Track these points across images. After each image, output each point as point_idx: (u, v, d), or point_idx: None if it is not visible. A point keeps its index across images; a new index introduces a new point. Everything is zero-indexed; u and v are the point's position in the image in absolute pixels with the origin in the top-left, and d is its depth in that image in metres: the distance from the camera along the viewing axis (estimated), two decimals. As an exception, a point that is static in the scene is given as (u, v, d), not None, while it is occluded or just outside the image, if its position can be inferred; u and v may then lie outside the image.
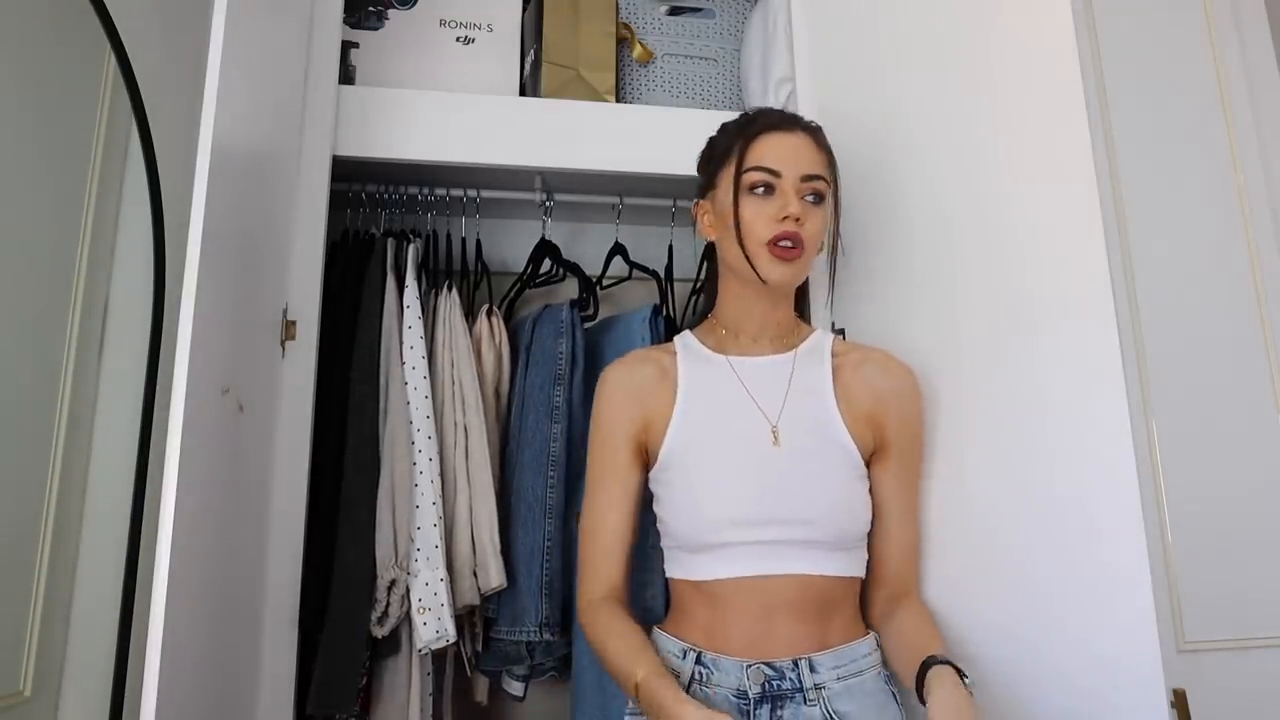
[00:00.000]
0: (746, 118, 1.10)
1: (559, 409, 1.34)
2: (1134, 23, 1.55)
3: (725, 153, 1.07)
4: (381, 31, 1.48)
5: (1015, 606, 1.04)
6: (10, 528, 0.99)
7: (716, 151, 1.10)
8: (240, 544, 1.03)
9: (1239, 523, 1.37)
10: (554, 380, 1.36)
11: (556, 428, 1.34)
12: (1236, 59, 1.55)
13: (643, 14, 1.65)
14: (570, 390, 1.36)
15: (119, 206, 1.16)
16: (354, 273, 1.32)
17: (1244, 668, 1.31)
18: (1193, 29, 1.56)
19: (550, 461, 1.32)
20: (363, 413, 1.24)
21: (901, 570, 1.07)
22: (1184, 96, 1.53)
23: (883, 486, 1.07)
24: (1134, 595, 0.95)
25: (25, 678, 0.98)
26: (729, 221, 1.04)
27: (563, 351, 1.37)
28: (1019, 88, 1.13)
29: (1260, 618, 1.34)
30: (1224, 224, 1.49)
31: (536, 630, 1.26)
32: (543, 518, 1.30)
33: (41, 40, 1.09)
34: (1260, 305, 1.46)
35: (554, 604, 1.28)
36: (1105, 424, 0.99)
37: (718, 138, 1.12)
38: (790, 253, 1.02)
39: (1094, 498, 0.99)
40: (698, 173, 1.14)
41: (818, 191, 1.05)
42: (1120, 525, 0.97)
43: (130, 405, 1.12)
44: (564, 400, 1.35)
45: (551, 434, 1.33)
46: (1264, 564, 1.36)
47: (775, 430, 1.03)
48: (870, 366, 1.10)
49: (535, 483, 1.32)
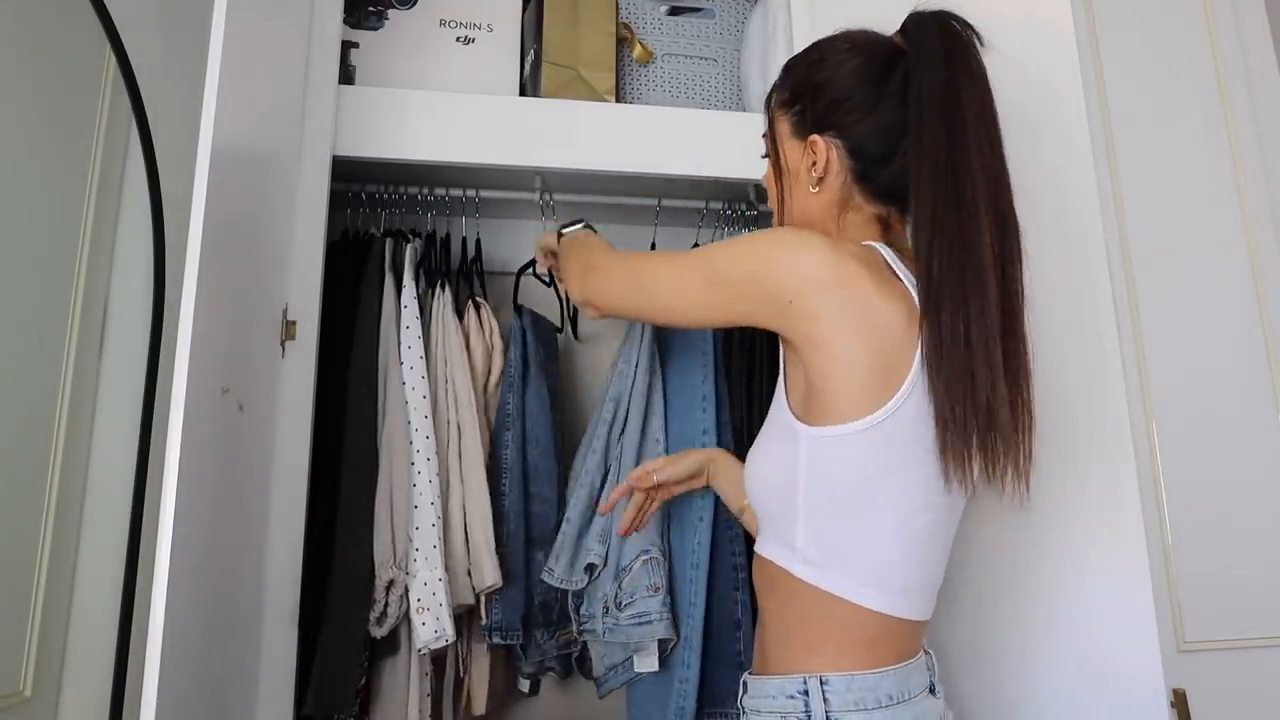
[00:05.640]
0: None
1: (511, 416, 1.35)
2: (1134, 23, 1.55)
3: None
4: (381, 31, 1.48)
5: (1015, 607, 1.04)
6: (10, 528, 0.99)
7: None
8: (240, 544, 1.02)
9: (1239, 524, 1.37)
10: (507, 387, 1.36)
11: (507, 435, 1.34)
12: (1236, 59, 1.55)
13: (643, 14, 1.65)
14: (523, 398, 1.36)
15: (119, 206, 1.16)
16: (352, 272, 1.32)
17: (1244, 668, 1.31)
18: (1193, 29, 1.56)
19: (504, 469, 1.33)
20: (360, 412, 1.24)
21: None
22: (1184, 97, 1.53)
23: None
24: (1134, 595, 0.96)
25: (25, 678, 0.98)
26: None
27: (513, 358, 1.37)
28: (1019, 88, 1.13)
29: (1260, 618, 1.35)
30: (1224, 224, 1.49)
31: (487, 633, 1.27)
32: (497, 522, 1.30)
33: (42, 40, 1.09)
34: (1260, 305, 1.47)
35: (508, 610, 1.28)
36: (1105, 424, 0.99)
37: None
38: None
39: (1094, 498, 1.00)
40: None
41: (766, 151, 1.00)
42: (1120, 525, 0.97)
43: (130, 405, 1.12)
44: (515, 408, 1.35)
45: (503, 441, 1.34)
46: (1264, 564, 1.36)
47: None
48: None
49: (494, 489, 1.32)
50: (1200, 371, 1.42)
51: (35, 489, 1.02)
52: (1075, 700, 0.98)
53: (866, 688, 0.80)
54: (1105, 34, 1.54)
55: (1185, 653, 1.31)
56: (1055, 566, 0.93)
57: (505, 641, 1.29)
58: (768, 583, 0.88)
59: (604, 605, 1.27)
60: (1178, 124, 1.52)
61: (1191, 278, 1.46)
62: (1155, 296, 1.44)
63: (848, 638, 0.81)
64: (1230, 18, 1.57)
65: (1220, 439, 1.40)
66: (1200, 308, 1.45)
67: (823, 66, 0.93)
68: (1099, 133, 1.48)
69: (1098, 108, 1.49)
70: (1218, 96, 1.53)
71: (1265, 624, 1.34)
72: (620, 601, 1.25)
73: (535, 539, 1.34)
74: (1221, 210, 1.50)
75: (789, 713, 0.80)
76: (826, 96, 0.91)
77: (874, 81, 0.89)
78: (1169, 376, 1.41)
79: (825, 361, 0.81)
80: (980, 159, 0.83)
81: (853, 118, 0.89)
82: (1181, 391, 1.41)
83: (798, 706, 0.80)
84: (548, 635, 1.35)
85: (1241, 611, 1.34)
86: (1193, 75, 1.54)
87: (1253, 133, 1.52)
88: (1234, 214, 1.50)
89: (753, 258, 0.87)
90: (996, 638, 1.04)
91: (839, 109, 0.90)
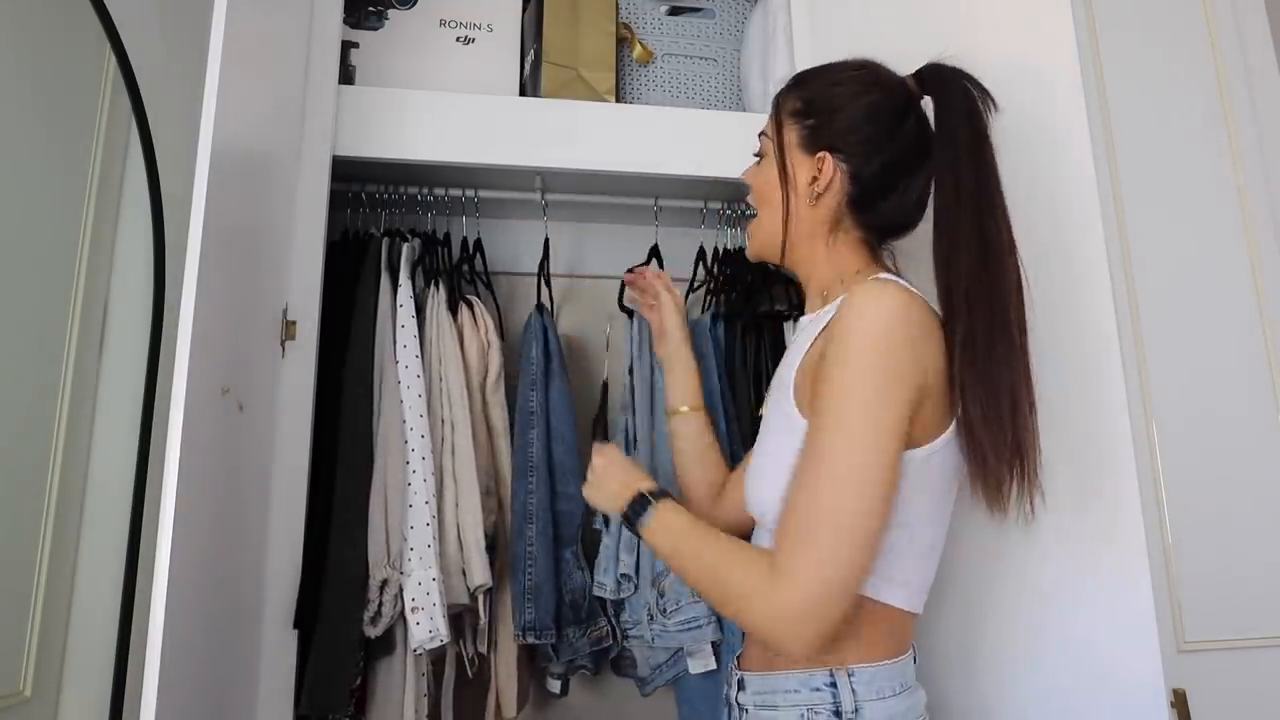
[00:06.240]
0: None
1: (534, 414, 1.35)
2: (1134, 23, 1.55)
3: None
4: (381, 31, 1.48)
5: (1015, 606, 1.04)
6: (10, 528, 0.99)
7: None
8: (240, 544, 1.02)
9: (1239, 523, 1.37)
10: (530, 385, 1.37)
11: (533, 433, 1.34)
12: (1236, 59, 1.55)
13: (643, 14, 1.65)
14: (546, 395, 1.37)
15: (119, 206, 1.16)
16: (350, 272, 1.32)
17: (1244, 668, 1.31)
18: (1193, 29, 1.56)
19: (530, 467, 1.33)
20: (356, 412, 1.24)
21: (777, 535, 0.82)
22: (1184, 96, 1.53)
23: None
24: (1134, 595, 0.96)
25: (25, 678, 0.98)
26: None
27: (534, 356, 1.37)
28: (1019, 89, 1.13)
29: (1260, 618, 1.35)
30: (1224, 224, 1.49)
31: (520, 634, 1.27)
32: (524, 523, 1.30)
33: (42, 40, 1.09)
34: (1260, 305, 1.47)
35: (540, 610, 1.28)
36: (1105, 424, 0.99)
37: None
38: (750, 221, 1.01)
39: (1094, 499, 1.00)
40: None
41: (762, 151, 1.02)
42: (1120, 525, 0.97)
43: (130, 405, 1.12)
44: (539, 405, 1.36)
45: (528, 439, 1.34)
46: (1264, 564, 1.36)
47: (765, 399, 1.01)
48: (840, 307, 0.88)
49: (519, 488, 1.32)
50: (1200, 371, 1.42)
51: (35, 489, 1.02)
52: (1075, 700, 0.98)
53: (885, 677, 0.84)
54: (1105, 34, 1.54)
55: (1185, 653, 1.31)
56: (1055, 566, 0.93)
57: (540, 641, 1.28)
58: None
59: (648, 612, 1.28)
60: (1178, 124, 1.52)
61: (1191, 278, 1.46)
62: (1155, 296, 1.44)
63: (875, 633, 0.85)
64: (1230, 18, 1.57)
65: (1220, 439, 1.40)
66: (1200, 307, 1.45)
67: (842, 91, 0.96)
68: (1099, 133, 1.48)
69: (1098, 108, 1.49)
70: (1218, 96, 1.53)
71: (1265, 624, 1.34)
72: (665, 608, 1.27)
73: (563, 538, 1.34)
74: (1221, 210, 1.50)
75: (816, 705, 0.83)
76: (843, 121, 0.94)
77: (889, 119, 0.94)
78: (1169, 376, 1.41)
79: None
80: (1003, 203, 0.90)
81: (864, 148, 0.93)
82: (1181, 391, 1.41)
83: (825, 699, 0.83)
84: (580, 633, 1.33)
85: (1241, 611, 1.34)
86: (1193, 75, 1.54)
87: (1253, 133, 1.52)
88: (1234, 214, 1.50)
89: (899, 383, 0.81)
90: (997, 637, 1.04)
91: (852, 136, 0.94)
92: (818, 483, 0.78)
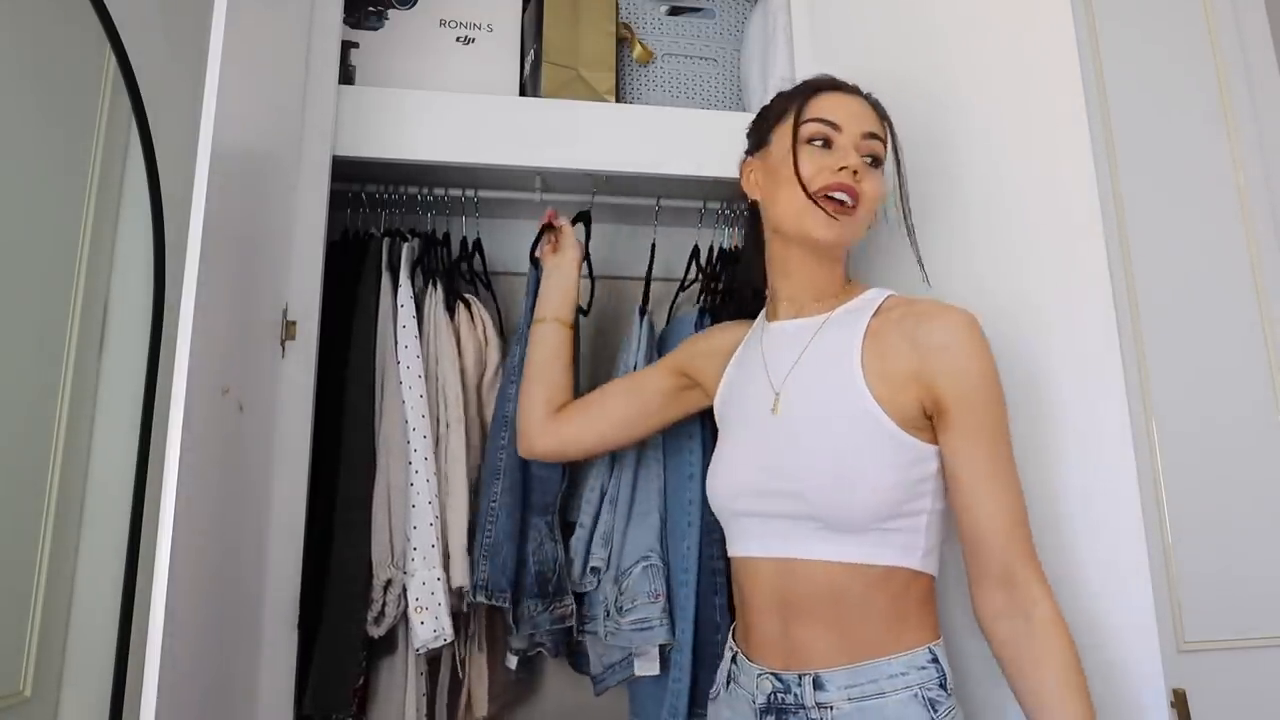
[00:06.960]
0: (807, 80, 1.09)
1: (514, 379, 1.33)
2: (1134, 22, 1.55)
3: (783, 110, 1.06)
4: (381, 31, 1.49)
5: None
6: (10, 528, 0.99)
7: (773, 110, 1.09)
8: (240, 544, 1.02)
9: (1239, 523, 1.37)
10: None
11: (512, 389, 1.32)
12: (1236, 58, 1.55)
13: (643, 14, 1.65)
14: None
15: (119, 206, 1.16)
16: (350, 272, 1.32)
17: (1244, 668, 1.31)
18: (1193, 28, 1.56)
19: (504, 419, 1.31)
20: (358, 412, 1.24)
21: (996, 552, 0.89)
22: (1184, 95, 1.53)
23: (953, 455, 0.92)
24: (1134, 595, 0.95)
25: (25, 678, 0.98)
26: (782, 174, 1.02)
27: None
28: (1018, 88, 1.13)
29: (1260, 618, 1.34)
30: (1224, 224, 1.49)
31: (471, 591, 1.24)
32: (491, 478, 1.29)
33: (41, 40, 1.09)
34: (1260, 305, 1.46)
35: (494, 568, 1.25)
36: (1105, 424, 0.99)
37: (775, 100, 1.11)
38: (841, 209, 0.99)
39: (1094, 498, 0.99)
40: (748, 135, 1.14)
41: (875, 153, 1.03)
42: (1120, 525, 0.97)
43: (130, 405, 1.12)
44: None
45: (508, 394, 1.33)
46: (1264, 564, 1.36)
47: (777, 398, 1.00)
48: (911, 320, 0.95)
49: (492, 441, 1.32)
50: (1200, 371, 1.42)
51: (35, 489, 1.02)
52: (1075, 700, 0.98)
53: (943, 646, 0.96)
54: (1105, 33, 1.53)
55: (1185, 653, 1.31)
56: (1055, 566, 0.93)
57: (491, 602, 1.24)
58: (872, 582, 0.93)
59: (605, 609, 1.27)
60: (1178, 122, 1.52)
61: (1191, 277, 1.46)
62: (1155, 296, 1.44)
63: (935, 608, 0.97)
64: (1230, 17, 1.57)
65: (1220, 439, 1.40)
66: (1200, 307, 1.45)
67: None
68: (1099, 132, 1.48)
69: (1098, 107, 1.49)
70: (1218, 95, 1.53)
71: (1265, 624, 1.34)
72: (621, 606, 1.25)
73: (534, 505, 1.31)
74: (1222, 209, 1.49)
75: (926, 682, 0.90)
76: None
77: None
78: (1169, 376, 1.41)
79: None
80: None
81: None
82: (1181, 391, 1.41)
83: (931, 675, 0.91)
84: (541, 607, 1.29)
85: (1241, 611, 1.34)
86: (1193, 74, 1.54)
87: (1253, 132, 1.52)
88: (1234, 214, 1.49)
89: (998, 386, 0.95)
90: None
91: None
92: (1016, 500, 0.91)
